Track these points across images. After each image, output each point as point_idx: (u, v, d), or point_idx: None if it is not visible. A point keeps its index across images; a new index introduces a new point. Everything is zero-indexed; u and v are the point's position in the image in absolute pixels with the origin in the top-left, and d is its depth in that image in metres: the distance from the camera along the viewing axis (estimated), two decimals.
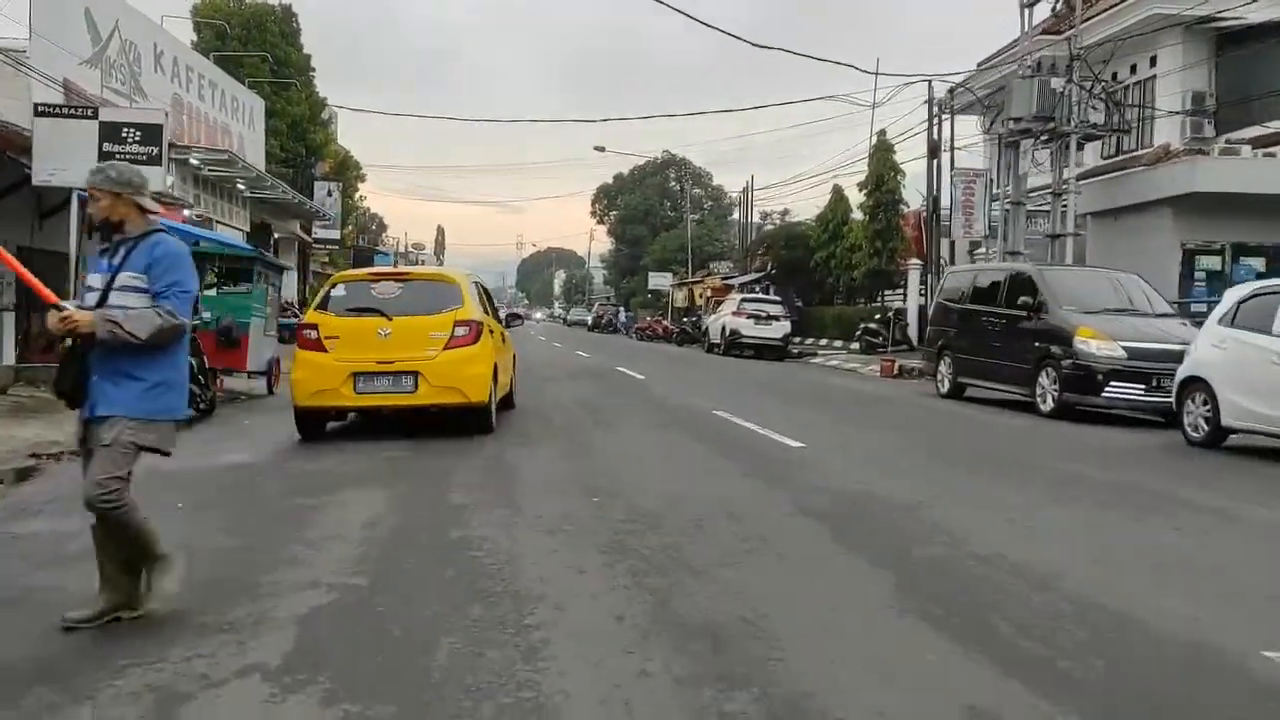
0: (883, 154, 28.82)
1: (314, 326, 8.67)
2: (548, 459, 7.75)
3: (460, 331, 8.62)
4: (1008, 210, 20.36)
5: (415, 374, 8.41)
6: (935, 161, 22.88)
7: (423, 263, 77.04)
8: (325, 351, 8.50)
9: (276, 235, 30.73)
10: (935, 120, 22.74)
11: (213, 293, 13.65)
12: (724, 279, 39.80)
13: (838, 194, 33.04)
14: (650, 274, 53.04)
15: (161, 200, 17.53)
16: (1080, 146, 19.31)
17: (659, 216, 70.35)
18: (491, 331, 9.35)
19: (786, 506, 5.92)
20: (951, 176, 21.15)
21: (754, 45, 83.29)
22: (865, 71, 36.94)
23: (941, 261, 22.73)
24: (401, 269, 11.91)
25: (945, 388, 13.93)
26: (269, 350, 13.84)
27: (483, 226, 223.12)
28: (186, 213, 19.70)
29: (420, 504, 6.04)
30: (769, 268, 36.76)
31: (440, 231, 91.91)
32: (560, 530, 5.18)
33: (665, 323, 44.44)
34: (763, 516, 5.58)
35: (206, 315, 12.98)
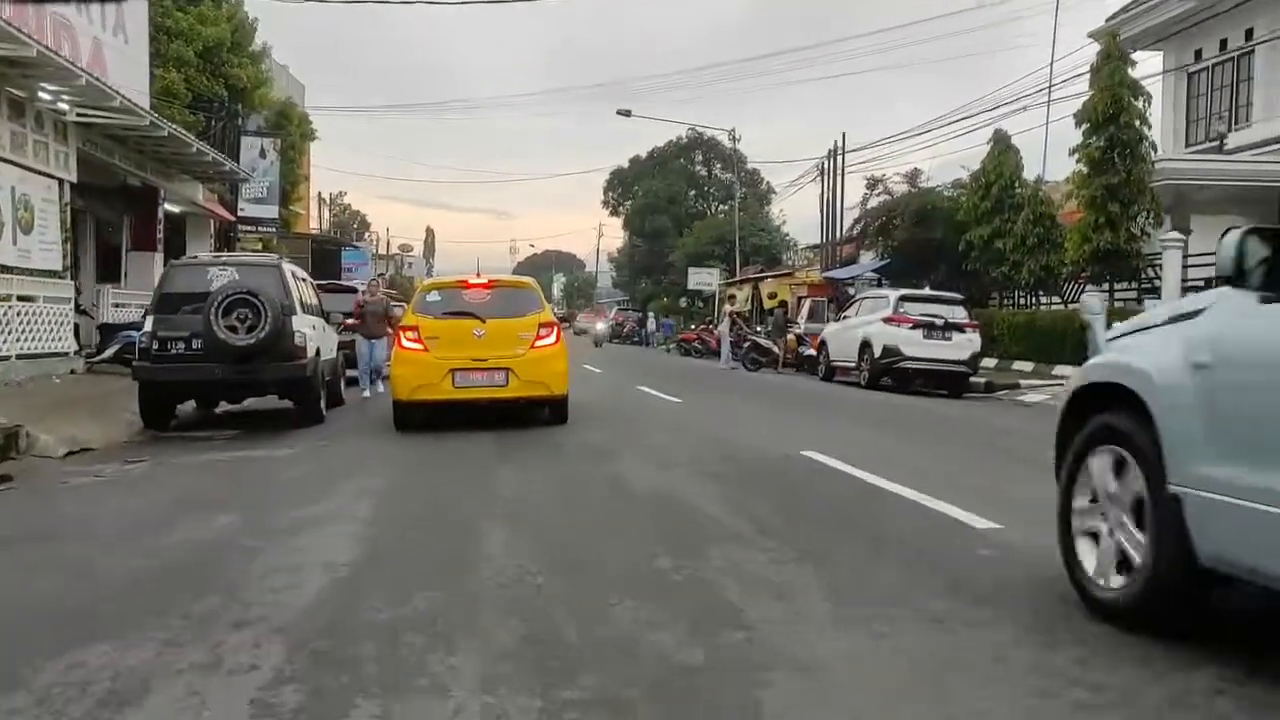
0: (1113, 68, 18.37)
1: (415, 328, 9.54)
2: None
3: (544, 332, 9.65)
4: None
5: (507, 370, 9.37)
6: None
7: (411, 265, 68.65)
8: (426, 350, 9.40)
9: (169, 205, 20.10)
10: None
11: None
12: (825, 273, 29.11)
13: (1002, 143, 22.62)
14: (690, 270, 42.32)
15: None
16: None
17: (683, 206, 59.81)
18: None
19: None
20: None
21: None
22: None
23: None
24: (486, 277, 10.90)
25: None
26: None
27: (475, 229, 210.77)
28: None
29: None
30: (882, 252, 26.24)
31: (430, 233, 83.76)
32: None
33: (718, 333, 33.91)
34: None
35: None
